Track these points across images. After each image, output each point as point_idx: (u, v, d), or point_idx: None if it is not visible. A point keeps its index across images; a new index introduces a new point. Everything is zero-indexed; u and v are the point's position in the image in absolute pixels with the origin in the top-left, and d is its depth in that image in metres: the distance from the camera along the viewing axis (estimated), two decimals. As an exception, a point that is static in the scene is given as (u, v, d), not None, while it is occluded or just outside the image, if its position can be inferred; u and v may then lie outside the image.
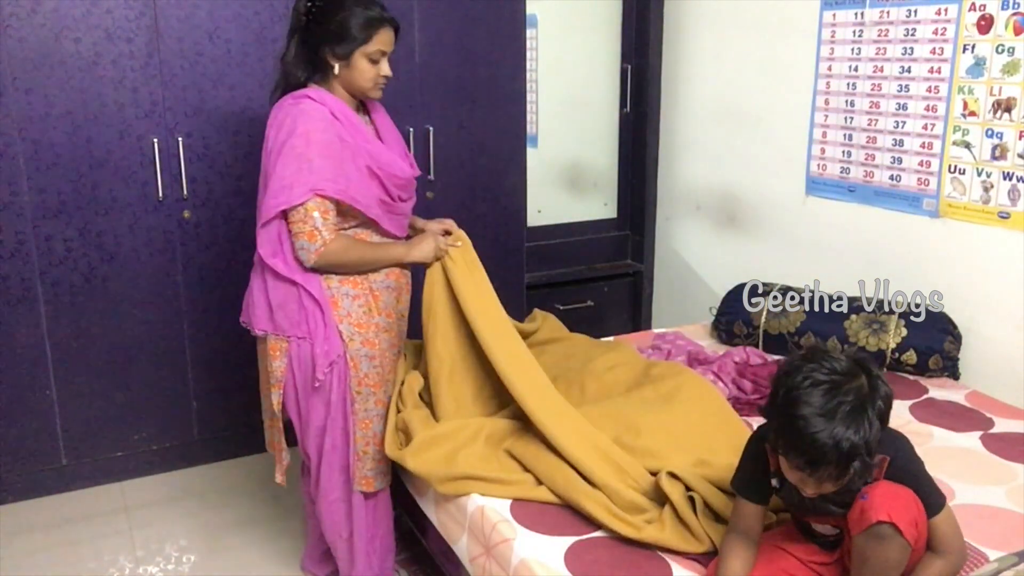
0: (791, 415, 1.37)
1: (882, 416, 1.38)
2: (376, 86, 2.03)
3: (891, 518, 1.36)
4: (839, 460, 1.34)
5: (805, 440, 1.35)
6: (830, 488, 1.41)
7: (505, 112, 3.23)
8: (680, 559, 1.67)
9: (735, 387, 2.42)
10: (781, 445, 1.41)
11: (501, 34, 3.16)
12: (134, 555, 2.55)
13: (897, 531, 1.36)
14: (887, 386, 1.41)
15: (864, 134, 2.80)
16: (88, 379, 2.81)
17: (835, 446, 1.33)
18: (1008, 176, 2.40)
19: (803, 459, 1.37)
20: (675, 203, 3.67)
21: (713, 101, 3.39)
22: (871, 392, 1.38)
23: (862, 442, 1.34)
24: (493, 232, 3.31)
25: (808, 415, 1.35)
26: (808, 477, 1.39)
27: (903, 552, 1.38)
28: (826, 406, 1.35)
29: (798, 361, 1.44)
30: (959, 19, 2.47)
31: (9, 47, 2.51)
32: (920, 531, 1.41)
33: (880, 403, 1.38)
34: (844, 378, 1.38)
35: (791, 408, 1.37)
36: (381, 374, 2.11)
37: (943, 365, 2.49)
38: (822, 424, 1.34)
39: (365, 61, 1.98)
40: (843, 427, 1.33)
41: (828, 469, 1.36)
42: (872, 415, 1.36)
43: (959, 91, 2.50)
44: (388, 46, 2.00)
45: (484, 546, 1.80)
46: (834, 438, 1.33)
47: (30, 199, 2.63)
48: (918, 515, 1.40)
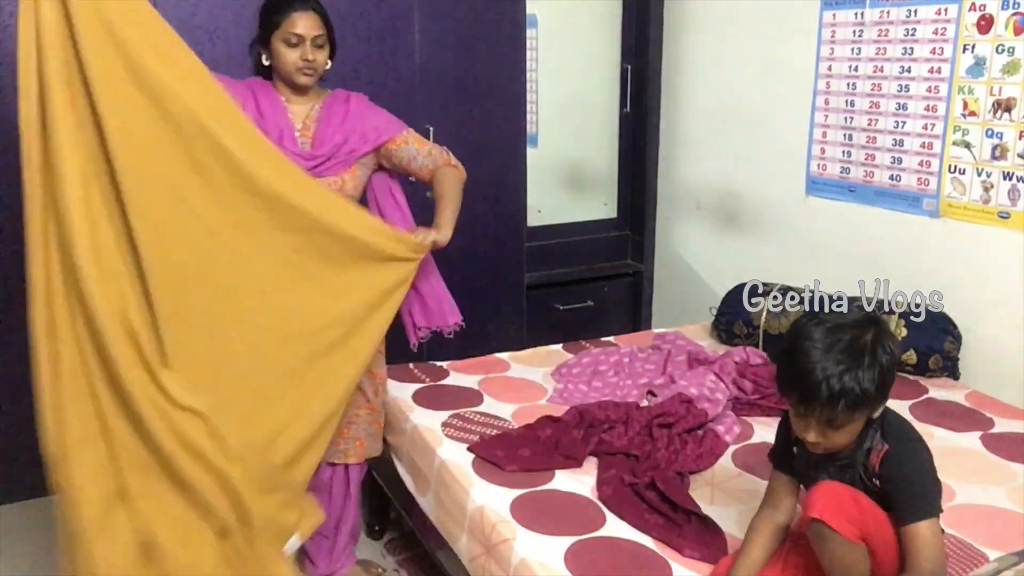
0: (789, 349, 1.41)
1: (883, 370, 1.38)
2: (299, 71, 2.05)
3: (820, 515, 1.37)
4: (828, 396, 1.35)
5: (802, 371, 1.38)
6: (832, 437, 1.41)
7: (505, 112, 3.23)
8: (680, 559, 1.67)
9: (736, 387, 2.42)
10: (783, 385, 1.44)
11: (501, 34, 3.16)
12: (134, 555, 2.55)
13: (831, 529, 1.36)
14: (896, 345, 1.42)
15: (864, 134, 2.80)
16: (88, 379, 2.81)
17: (825, 379, 1.35)
18: (1008, 176, 2.40)
19: (799, 392, 1.40)
20: (675, 203, 3.67)
21: (713, 101, 3.39)
22: (874, 342, 1.39)
23: (853, 383, 1.35)
24: (493, 232, 3.31)
25: (804, 347, 1.39)
26: (808, 420, 1.40)
27: (850, 550, 1.38)
28: (824, 341, 1.38)
29: (813, 312, 1.49)
30: (959, 19, 2.47)
31: (9, 47, 2.51)
32: (866, 529, 1.39)
33: (883, 357, 1.38)
34: (850, 323, 1.41)
35: (791, 343, 1.42)
36: None
37: (943, 365, 2.49)
38: (818, 356, 1.37)
39: (283, 45, 2.03)
40: (835, 364, 1.36)
41: (819, 403, 1.37)
42: (869, 363, 1.37)
43: (959, 91, 2.50)
44: (306, 30, 2.01)
45: (484, 546, 1.80)
46: (825, 371, 1.36)
47: (30, 199, 2.62)
48: (858, 513, 1.39)
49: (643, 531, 1.76)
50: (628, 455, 2.07)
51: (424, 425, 2.21)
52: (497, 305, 3.39)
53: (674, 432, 2.15)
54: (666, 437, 2.12)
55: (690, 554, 1.68)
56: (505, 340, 3.35)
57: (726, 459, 2.09)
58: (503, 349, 2.87)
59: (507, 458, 2.02)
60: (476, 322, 3.35)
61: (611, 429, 2.16)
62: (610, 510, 1.84)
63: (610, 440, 2.11)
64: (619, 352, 2.72)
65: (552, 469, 2.01)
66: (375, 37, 2.94)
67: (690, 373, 2.45)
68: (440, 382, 2.51)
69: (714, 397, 2.31)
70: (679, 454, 2.06)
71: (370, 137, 2.16)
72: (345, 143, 2.13)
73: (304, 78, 2.07)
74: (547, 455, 2.05)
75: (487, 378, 2.55)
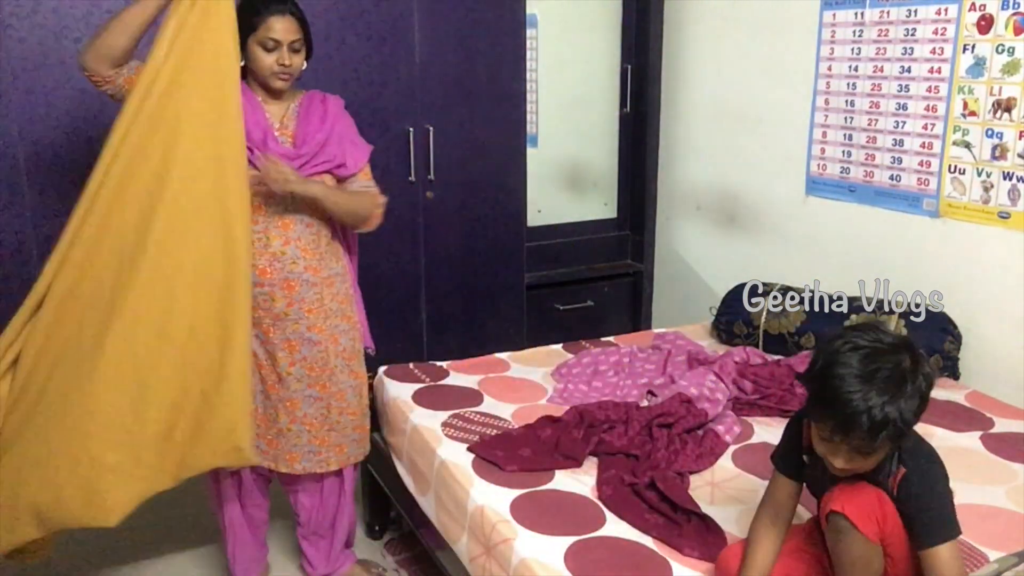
0: (828, 375, 1.35)
1: (922, 395, 1.35)
2: (275, 75, 2.03)
3: (844, 509, 1.35)
4: (870, 427, 1.31)
5: (840, 400, 1.32)
6: (859, 462, 1.38)
7: (505, 112, 3.23)
8: (680, 559, 1.67)
9: (736, 387, 2.42)
10: (815, 410, 1.39)
11: (501, 34, 3.16)
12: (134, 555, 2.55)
13: (852, 524, 1.35)
14: (932, 369, 1.39)
15: (864, 134, 2.80)
16: (88, 379, 2.81)
17: (867, 410, 1.30)
18: (1008, 176, 2.40)
19: (835, 422, 1.35)
20: (675, 203, 3.67)
21: (713, 101, 3.39)
22: (913, 369, 1.35)
23: (896, 413, 1.31)
24: (493, 232, 3.31)
25: (844, 376, 1.33)
26: (839, 445, 1.36)
27: (864, 547, 1.37)
28: (864, 369, 1.33)
29: (843, 330, 1.43)
30: (959, 19, 2.47)
31: (9, 47, 2.51)
32: (885, 531, 1.38)
33: (922, 382, 1.35)
34: (887, 348, 1.36)
35: (829, 369, 1.36)
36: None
37: (943, 365, 2.49)
38: (858, 385, 1.32)
39: (259, 49, 2.00)
40: (877, 394, 1.31)
41: (858, 434, 1.32)
42: (911, 391, 1.33)
43: (959, 91, 2.50)
44: (283, 35, 1.99)
45: (484, 546, 1.80)
46: (867, 402, 1.31)
47: (30, 199, 2.62)
48: (880, 515, 1.38)
49: (643, 531, 1.76)
50: (628, 455, 2.07)
51: (424, 425, 2.21)
52: (497, 305, 3.39)
53: (674, 432, 2.15)
54: (666, 437, 2.12)
55: (690, 553, 1.68)
56: (505, 340, 3.36)
57: (726, 459, 2.09)
58: (503, 349, 2.87)
59: (507, 458, 2.02)
60: (476, 322, 3.37)
61: (611, 429, 2.16)
62: (610, 510, 1.84)
63: (610, 440, 2.11)
64: (619, 352, 2.72)
65: (552, 469, 2.01)
66: (375, 37, 2.94)
67: (690, 373, 2.45)
68: (440, 382, 2.51)
69: (714, 397, 2.31)
70: (679, 454, 2.06)
71: (347, 165, 2.14)
72: (327, 144, 2.11)
73: (280, 82, 2.05)
74: (547, 455, 2.06)
75: (487, 378, 2.55)
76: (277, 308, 2.08)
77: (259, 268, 2.05)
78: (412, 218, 3.14)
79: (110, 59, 1.89)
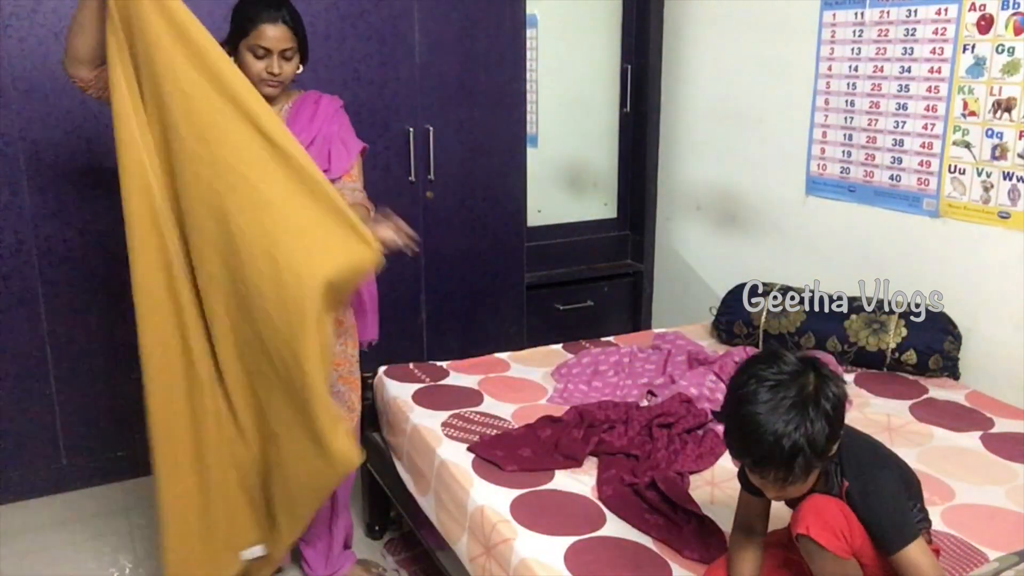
0: (736, 414, 1.37)
1: (829, 417, 1.34)
2: (264, 82, 2.00)
3: (808, 531, 1.35)
4: (780, 456, 1.31)
5: (748, 437, 1.34)
6: (791, 489, 1.38)
7: (505, 112, 3.23)
8: (680, 559, 1.67)
9: (735, 387, 2.41)
10: (732, 450, 1.40)
11: (501, 34, 3.16)
12: (134, 555, 2.55)
13: (819, 545, 1.34)
14: (839, 387, 1.38)
15: (864, 134, 2.80)
16: (88, 379, 2.81)
17: (776, 443, 1.31)
18: (1008, 176, 2.40)
19: (749, 459, 1.37)
20: (675, 203, 3.67)
21: (713, 101, 3.39)
22: (816, 391, 1.35)
23: (804, 439, 1.31)
24: (493, 232, 3.31)
25: (750, 412, 1.34)
26: (761, 480, 1.38)
27: (838, 565, 1.36)
28: (769, 403, 1.33)
29: (748, 362, 1.43)
30: (959, 19, 2.47)
31: (9, 47, 2.51)
32: (855, 545, 1.38)
33: (826, 403, 1.34)
34: (789, 377, 1.36)
35: (736, 407, 1.37)
36: None
37: (943, 365, 2.49)
38: (763, 420, 1.32)
39: (249, 55, 1.99)
40: (783, 424, 1.31)
41: (773, 468, 1.34)
42: (815, 414, 1.32)
43: (959, 91, 2.50)
44: (273, 43, 1.97)
45: (484, 546, 1.80)
46: (775, 434, 1.31)
47: (30, 199, 2.63)
48: (844, 526, 1.37)
49: (643, 531, 1.76)
50: (628, 455, 2.07)
51: (424, 425, 2.21)
52: (497, 305, 3.39)
53: (674, 432, 2.15)
54: (666, 437, 2.12)
55: (690, 554, 1.68)
56: (505, 340, 3.36)
57: (726, 459, 2.09)
58: (503, 349, 2.87)
59: (507, 458, 2.02)
60: (476, 322, 3.37)
61: (611, 429, 2.16)
62: (610, 510, 1.84)
63: (610, 440, 2.11)
64: (619, 352, 2.72)
65: (552, 469, 2.01)
66: (375, 37, 2.94)
67: (690, 373, 2.45)
68: (440, 382, 2.51)
69: (714, 397, 2.31)
70: (679, 454, 2.06)
71: (330, 170, 2.13)
72: (309, 147, 2.08)
73: (269, 89, 2.03)
74: (547, 455, 2.05)
75: (487, 378, 2.55)
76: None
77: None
78: (412, 218, 3.12)
79: (80, 61, 1.88)
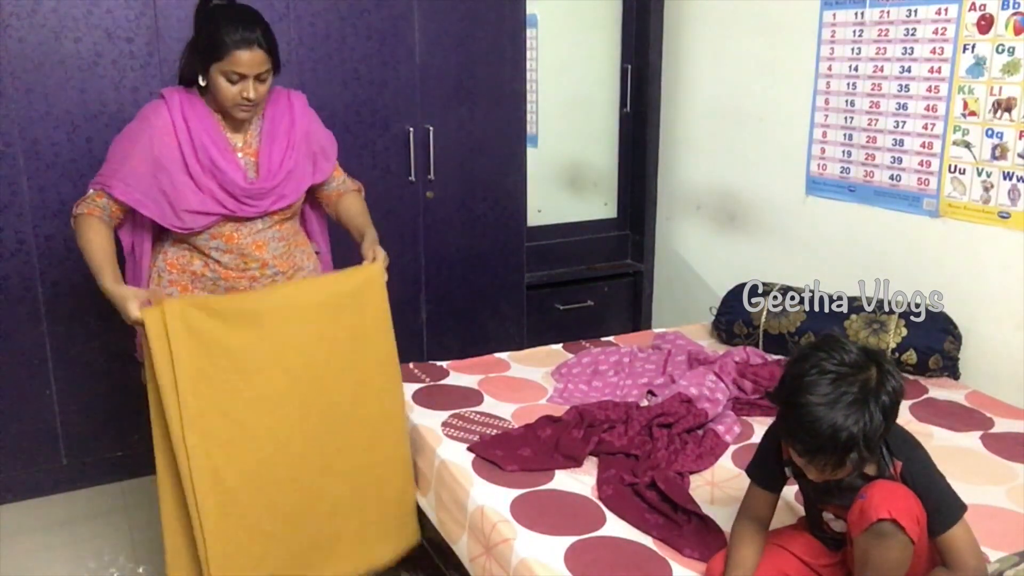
0: (794, 402, 1.39)
1: (886, 411, 1.37)
2: (237, 106, 1.97)
3: (892, 515, 1.36)
4: (835, 449, 1.35)
5: (804, 427, 1.36)
6: (834, 472, 1.41)
7: (505, 112, 3.23)
8: (680, 559, 1.67)
9: (736, 387, 2.42)
10: (784, 433, 1.43)
11: (501, 34, 3.16)
12: (134, 555, 2.55)
13: (899, 527, 1.36)
14: (897, 381, 1.40)
15: (864, 134, 2.80)
16: (88, 379, 2.81)
17: (832, 436, 1.34)
18: (1008, 176, 2.40)
19: (801, 446, 1.39)
20: (675, 203, 3.67)
21: (713, 101, 3.39)
22: (878, 386, 1.37)
23: (860, 434, 1.34)
24: (493, 232, 3.31)
25: (810, 403, 1.36)
26: (807, 464, 1.41)
27: (905, 550, 1.38)
28: (829, 396, 1.36)
29: (809, 349, 1.44)
30: (959, 19, 2.47)
31: (9, 47, 2.51)
32: (922, 528, 1.40)
33: (885, 398, 1.37)
34: (852, 369, 1.38)
35: (795, 395, 1.39)
36: None
37: (943, 365, 2.49)
38: (822, 412, 1.35)
39: (222, 79, 1.93)
40: (843, 417, 1.34)
41: (825, 457, 1.37)
42: (875, 408, 1.35)
43: (959, 91, 2.50)
44: (249, 68, 1.92)
45: (484, 546, 1.80)
46: (833, 427, 1.34)
47: (30, 199, 2.63)
48: (919, 512, 1.40)
49: (643, 531, 1.76)
50: (628, 455, 2.07)
51: (424, 425, 2.21)
52: (497, 305, 3.39)
53: (674, 432, 2.15)
54: (666, 437, 2.12)
55: (690, 554, 1.68)
56: (505, 340, 3.36)
57: (726, 459, 2.09)
58: (503, 349, 2.87)
59: (507, 458, 2.02)
60: (476, 322, 3.37)
61: (611, 429, 2.16)
62: (610, 510, 1.84)
63: (610, 440, 2.11)
64: (619, 352, 2.72)
65: (552, 469, 2.01)
66: (375, 37, 2.94)
67: (690, 373, 2.45)
68: (440, 382, 2.51)
69: (714, 397, 2.31)
70: (679, 454, 2.06)
71: (320, 168, 2.17)
72: (294, 171, 2.09)
73: (243, 113, 2.00)
74: (547, 455, 2.05)
75: (487, 378, 2.55)
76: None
77: (240, 288, 2.10)
78: (412, 218, 3.15)
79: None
